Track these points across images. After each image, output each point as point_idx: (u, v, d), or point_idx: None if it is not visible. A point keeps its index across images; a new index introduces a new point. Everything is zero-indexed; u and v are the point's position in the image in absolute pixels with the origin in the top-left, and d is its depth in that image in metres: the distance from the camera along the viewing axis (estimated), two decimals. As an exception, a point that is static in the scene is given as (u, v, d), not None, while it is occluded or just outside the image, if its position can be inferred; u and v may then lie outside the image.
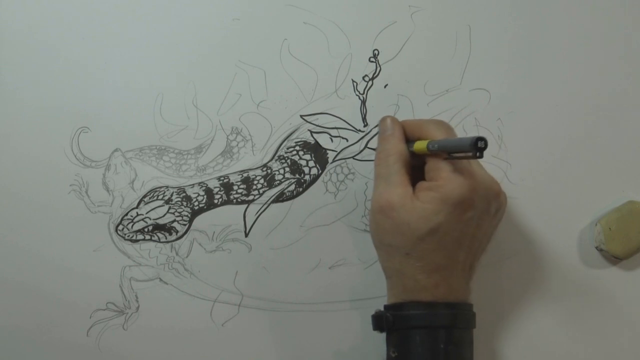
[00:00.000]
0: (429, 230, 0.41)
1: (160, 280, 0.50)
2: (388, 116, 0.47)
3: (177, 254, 0.50)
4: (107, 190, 0.51)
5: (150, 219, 0.50)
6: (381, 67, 0.51)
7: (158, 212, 0.50)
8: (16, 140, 0.50)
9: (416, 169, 0.45)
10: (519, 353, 0.51)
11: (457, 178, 0.41)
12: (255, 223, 0.51)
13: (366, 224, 0.51)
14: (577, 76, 0.52)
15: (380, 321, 0.44)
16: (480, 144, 0.39)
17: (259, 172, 0.51)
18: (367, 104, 0.51)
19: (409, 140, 0.46)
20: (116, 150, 0.51)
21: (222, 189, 0.51)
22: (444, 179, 0.42)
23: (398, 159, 0.44)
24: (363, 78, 0.51)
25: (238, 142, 0.51)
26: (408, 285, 0.43)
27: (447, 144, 0.42)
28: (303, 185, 0.51)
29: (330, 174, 0.51)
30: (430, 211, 0.41)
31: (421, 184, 0.43)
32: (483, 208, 0.43)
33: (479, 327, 0.46)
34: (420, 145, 0.44)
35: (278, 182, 0.51)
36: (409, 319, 0.42)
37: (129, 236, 0.50)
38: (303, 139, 0.51)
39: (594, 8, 0.52)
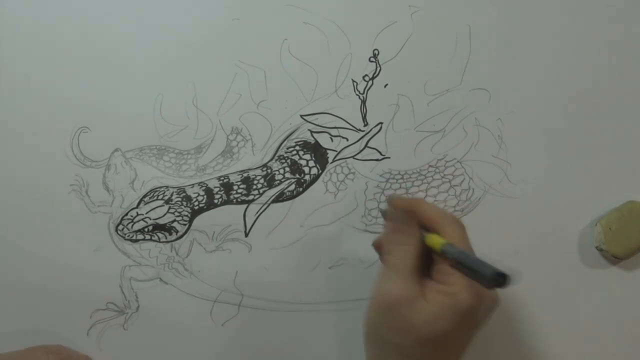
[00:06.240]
0: (433, 336, 0.38)
1: (161, 280, 0.50)
2: (403, 202, 0.43)
3: (177, 253, 0.50)
4: (107, 190, 0.51)
5: (150, 218, 0.50)
6: (381, 67, 0.51)
7: (158, 212, 0.50)
8: (16, 140, 0.50)
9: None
10: (518, 353, 0.51)
11: (469, 288, 0.38)
12: (255, 223, 0.51)
13: (366, 224, 0.51)
14: (578, 76, 0.52)
15: None
16: (500, 279, 0.35)
17: (259, 172, 0.51)
18: (367, 103, 0.51)
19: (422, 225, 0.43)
20: (116, 150, 0.51)
21: (222, 188, 0.51)
22: (457, 285, 0.39)
23: (414, 255, 0.41)
24: (363, 78, 0.51)
25: (238, 142, 0.51)
26: None
27: (466, 261, 0.38)
28: (303, 185, 0.51)
29: (331, 174, 0.51)
30: (439, 317, 0.38)
31: (431, 286, 0.40)
32: (485, 319, 0.41)
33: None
34: (434, 243, 0.41)
35: (278, 182, 0.51)
36: None
37: (129, 236, 0.50)
38: (303, 139, 0.51)
39: (594, 8, 0.52)
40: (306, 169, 0.51)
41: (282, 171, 0.51)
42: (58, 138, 0.50)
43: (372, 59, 0.51)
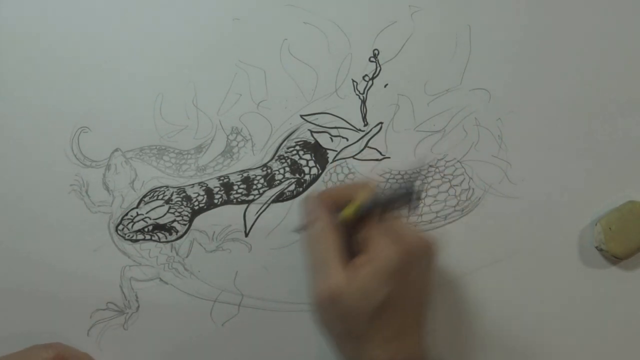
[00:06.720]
0: (376, 308, 0.39)
1: (161, 280, 0.50)
2: (309, 197, 0.45)
3: (177, 253, 0.50)
4: (107, 190, 0.51)
5: (150, 218, 0.50)
6: (381, 67, 0.51)
7: (158, 212, 0.50)
8: (16, 140, 0.50)
9: (353, 235, 0.43)
10: (518, 353, 0.51)
11: (388, 245, 0.39)
12: (255, 223, 0.51)
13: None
14: (577, 76, 0.52)
15: None
16: (416, 188, 0.37)
17: (259, 172, 0.51)
18: (367, 103, 0.51)
19: (339, 208, 0.43)
20: (116, 150, 0.51)
21: (222, 188, 0.51)
22: (376, 248, 0.40)
23: (328, 245, 0.41)
24: (363, 78, 0.51)
25: (238, 142, 0.51)
26: None
27: (379, 199, 0.39)
28: (303, 185, 0.51)
29: (331, 174, 0.51)
30: (373, 289, 0.39)
31: (358, 259, 0.41)
32: (420, 266, 0.41)
33: (479, 327, 0.45)
34: (347, 212, 0.42)
35: (278, 182, 0.51)
36: None
37: (129, 236, 0.50)
38: (303, 139, 0.51)
39: (594, 8, 0.52)
40: (306, 169, 0.51)
41: (282, 171, 0.51)
42: (58, 138, 0.50)
43: (372, 59, 0.51)
